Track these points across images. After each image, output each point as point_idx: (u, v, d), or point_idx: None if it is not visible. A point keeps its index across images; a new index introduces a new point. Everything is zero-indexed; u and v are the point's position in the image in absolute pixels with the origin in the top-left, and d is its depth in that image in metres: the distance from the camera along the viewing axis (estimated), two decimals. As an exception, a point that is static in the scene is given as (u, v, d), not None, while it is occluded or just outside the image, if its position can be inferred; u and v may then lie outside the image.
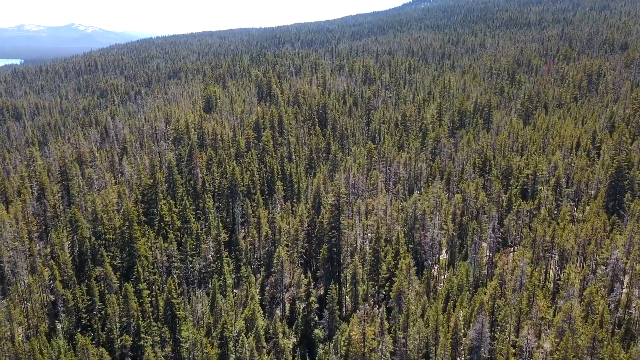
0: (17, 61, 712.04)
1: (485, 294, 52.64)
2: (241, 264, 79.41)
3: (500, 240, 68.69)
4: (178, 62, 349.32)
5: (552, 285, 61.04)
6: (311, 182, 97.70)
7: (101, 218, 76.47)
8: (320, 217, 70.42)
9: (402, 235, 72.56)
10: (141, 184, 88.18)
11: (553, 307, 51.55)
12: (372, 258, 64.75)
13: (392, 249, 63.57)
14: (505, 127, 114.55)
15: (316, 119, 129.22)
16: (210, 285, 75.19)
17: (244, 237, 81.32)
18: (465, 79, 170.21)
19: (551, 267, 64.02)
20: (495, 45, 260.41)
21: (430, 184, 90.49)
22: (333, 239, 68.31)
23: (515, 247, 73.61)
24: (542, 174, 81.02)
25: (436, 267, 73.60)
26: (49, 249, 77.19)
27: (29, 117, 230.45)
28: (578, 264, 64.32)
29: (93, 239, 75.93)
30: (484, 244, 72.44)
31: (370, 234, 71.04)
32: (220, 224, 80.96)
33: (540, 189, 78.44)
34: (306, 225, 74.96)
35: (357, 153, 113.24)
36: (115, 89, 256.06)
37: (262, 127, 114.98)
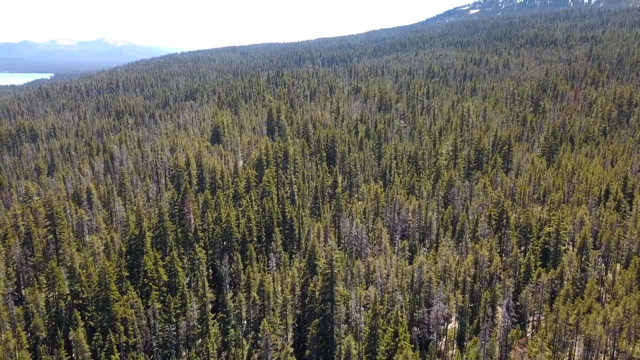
0: (47, 75, 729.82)
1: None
2: (229, 326, 72.70)
3: (515, 318, 60.25)
4: (197, 80, 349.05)
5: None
6: (313, 226, 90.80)
7: (79, 275, 70.85)
8: (312, 284, 63.23)
9: (406, 302, 64.85)
10: (128, 232, 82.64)
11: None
12: (369, 336, 57.13)
13: (392, 328, 55.86)
14: (526, 166, 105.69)
15: (324, 153, 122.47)
16: (196, 349, 68.79)
17: (233, 296, 74.53)
18: (485, 106, 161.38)
19: (575, 355, 55.33)
20: (519, 65, 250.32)
21: (441, 236, 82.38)
22: (326, 311, 60.96)
23: (534, 319, 65.01)
24: (565, 231, 72.23)
25: (444, 340, 65.46)
26: (21, 309, 71.72)
27: (45, 138, 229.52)
28: (607, 351, 55.48)
29: (69, 298, 70.32)
30: (499, 312, 64.15)
31: (368, 305, 63.35)
32: (207, 283, 74.47)
33: (564, 251, 69.66)
34: (299, 289, 67.84)
35: (366, 192, 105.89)
36: (131, 110, 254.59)
37: (266, 163, 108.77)
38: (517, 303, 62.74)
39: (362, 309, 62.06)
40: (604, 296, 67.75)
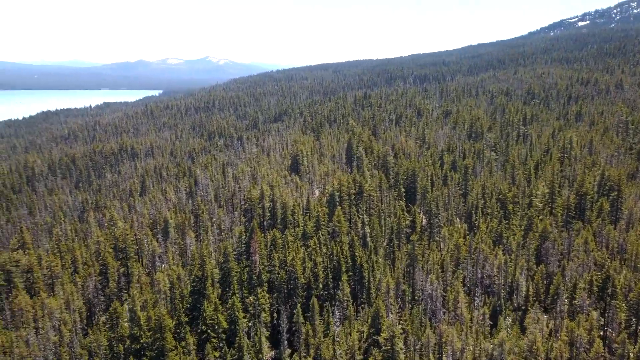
0: (157, 92, 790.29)
1: None
2: (287, 386, 67.91)
3: None
4: (288, 101, 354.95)
5: None
6: (384, 274, 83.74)
7: (138, 318, 69.97)
8: (372, 357, 56.43)
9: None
10: (193, 271, 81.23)
11: None
12: None
13: None
14: (639, 215, 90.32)
15: (402, 189, 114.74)
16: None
17: (292, 354, 69.66)
18: (592, 136, 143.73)
19: None
20: (635, 86, 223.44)
21: (530, 299, 71.52)
22: (385, 390, 53.87)
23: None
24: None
25: None
26: (86, 346, 72.17)
27: (143, 157, 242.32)
28: None
29: (128, 342, 69.66)
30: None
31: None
32: (266, 333, 70.45)
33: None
34: (359, 357, 61.24)
35: (447, 235, 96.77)
36: (222, 130, 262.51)
37: (339, 199, 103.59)
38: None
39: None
40: None
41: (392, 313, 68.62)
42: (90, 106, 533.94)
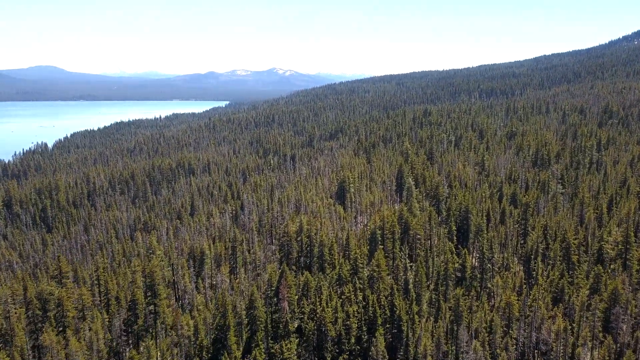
0: (223, 103, 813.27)
1: None
2: None
3: None
4: (346, 116, 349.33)
5: None
6: (425, 330, 75.10)
7: (153, 371, 66.10)
8: None
9: None
10: (217, 317, 76.64)
11: None
12: None
13: None
14: None
15: (454, 226, 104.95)
16: None
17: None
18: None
19: None
20: None
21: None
22: None
23: None
24: None
25: None
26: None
27: (200, 173, 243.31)
28: None
29: (142, 396, 65.87)
30: None
31: None
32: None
33: None
34: None
35: (500, 285, 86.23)
36: (277, 148, 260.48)
37: (381, 239, 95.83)
38: None
39: None
40: None
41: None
42: (160, 117, 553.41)
